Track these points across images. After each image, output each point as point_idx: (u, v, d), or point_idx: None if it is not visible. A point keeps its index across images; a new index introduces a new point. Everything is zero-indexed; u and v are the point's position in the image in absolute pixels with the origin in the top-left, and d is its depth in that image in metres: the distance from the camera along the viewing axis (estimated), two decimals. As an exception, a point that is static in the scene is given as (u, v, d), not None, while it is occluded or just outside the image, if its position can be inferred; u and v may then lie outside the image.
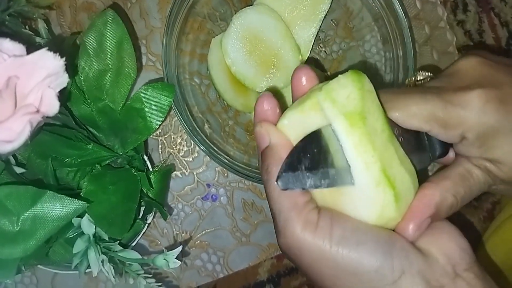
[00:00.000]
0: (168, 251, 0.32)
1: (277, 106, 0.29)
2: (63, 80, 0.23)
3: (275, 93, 0.31)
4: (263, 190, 0.52)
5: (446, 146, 0.29)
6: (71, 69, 0.24)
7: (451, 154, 0.30)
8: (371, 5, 0.49)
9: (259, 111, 0.29)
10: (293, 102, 0.28)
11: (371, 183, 0.24)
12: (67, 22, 0.47)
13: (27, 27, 0.38)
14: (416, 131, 0.28)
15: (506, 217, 0.50)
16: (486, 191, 0.30)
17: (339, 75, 0.26)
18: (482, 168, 0.28)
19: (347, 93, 0.25)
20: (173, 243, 0.50)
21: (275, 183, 0.25)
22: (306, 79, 0.28)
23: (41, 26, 0.37)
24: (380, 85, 0.49)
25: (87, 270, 0.36)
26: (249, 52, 0.45)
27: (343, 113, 0.24)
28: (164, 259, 0.32)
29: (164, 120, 0.37)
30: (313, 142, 0.25)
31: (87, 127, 0.37)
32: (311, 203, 0.26)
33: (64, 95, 0.23)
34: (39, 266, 0.39)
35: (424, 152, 0.29)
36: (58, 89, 0.23)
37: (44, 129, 0.31)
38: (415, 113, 0.27)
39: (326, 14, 0.48)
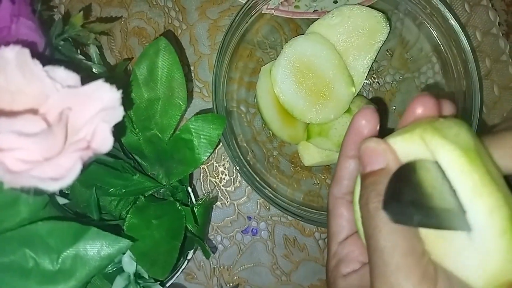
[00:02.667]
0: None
1: (377, 125, 0.25)
2: (119, 113, 0.22)
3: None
4: (306, 226, 0.50)
5: None
6: (126, 99, 0.23)
7: None
8: (431, 35, 0.46)
9: (356, 124, 0.25)
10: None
11: (493, 231, 0.20)
12: (117, 46, 0.47)
13: (78, 51, 0.38)
14: None
15: None
16: None
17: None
18: None
19: (456, 131, 0.22)
20: (210, 278, 0.48)
21: (385, 214, 0.21)
22: (423, 109, 0.24)
23: (93, 50, 0.36)
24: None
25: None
26: (299, 82, 0.43)
27: (458, 148, 0.21)
28: None
29: (213, 152, 0.35)
30: (413, 174, 0.22)
31: (133, 155, 0.36)
32: (427, 253, 0.22)
33: (117, 129, 0.22)
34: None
35: None
36: (113, 123, 0.21)
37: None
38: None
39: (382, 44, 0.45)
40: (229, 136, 0.43)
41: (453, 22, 0.41)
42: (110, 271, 0.32)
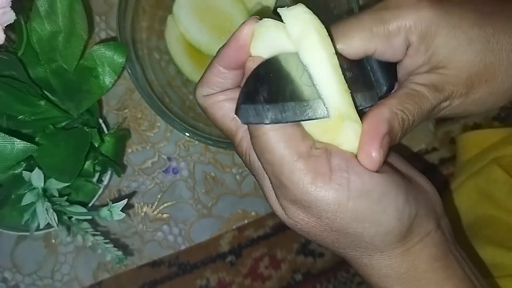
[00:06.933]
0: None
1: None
2: (10, 16, 0.24)
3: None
4: (224, 163, 0.54)
5: (392, 81, 0.29)
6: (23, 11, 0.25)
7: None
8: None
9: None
10: None
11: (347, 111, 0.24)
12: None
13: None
14: (361, 67, 0.27)
15: (459, 184, 0.52)
16: (444, 115, 0.28)
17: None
18: (428, 85, 0.26)
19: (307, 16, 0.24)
20: (134, 216, 0.50)
21: (262, 126, 0.23)
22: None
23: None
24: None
25: (45, 231, 0.37)
26: (201, 18, 0.46)
27: (315, 29, 0.23)
28: (108, 210, 0.32)
29: (117, 80, 0.38)
30: (272, 69, 0.23)
31: (43, 90, 0.38)
32: (315, 148, 0.24)
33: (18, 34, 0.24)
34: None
35: (372, 89, 0.28)
36: (5, 24, 0.24)
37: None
38: (356, 36, 0.26)
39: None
40: (142, 81, 0.45)
41: None
42: (24, 192, 0.34)
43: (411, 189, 0.26)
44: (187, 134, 0.45)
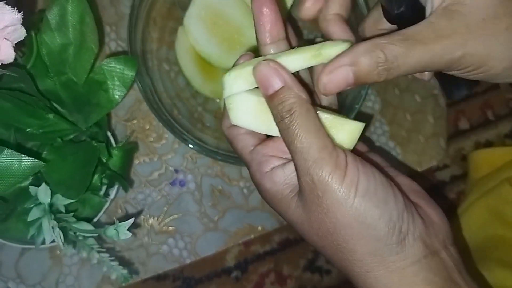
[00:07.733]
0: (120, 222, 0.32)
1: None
2: (21, 33, 0.24)
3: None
4: (232, 176, 0.53)
5: None
6: (32, 26, 0.25)
7: None
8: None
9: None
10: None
11: None
12: None
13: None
14: None
15: (470, 203, 0.51)
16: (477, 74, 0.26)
17: None
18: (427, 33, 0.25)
19: None
20: (140, 228, 0.50)
21: (297, 122, 0.26)
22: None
23: None
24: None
25: (50, 244, 0.36)
26: (211, 31, 0.46)
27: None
28: (115, 230, 0.32)
29: (127, 93, 0.37)
30: None
31: (52, 102, 0.37)
32: (339, 147, 0.26)
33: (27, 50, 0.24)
34: (3, 241, 0.38)
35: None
36: (16, 41, 0.24)
37: (5, 93, 0.31)
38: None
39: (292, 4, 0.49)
40: (151, 93, 0.45)
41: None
42: (30, 207, 0.34)
43: (409, 209, 0.27)
44: (193, 147, 0.45)
